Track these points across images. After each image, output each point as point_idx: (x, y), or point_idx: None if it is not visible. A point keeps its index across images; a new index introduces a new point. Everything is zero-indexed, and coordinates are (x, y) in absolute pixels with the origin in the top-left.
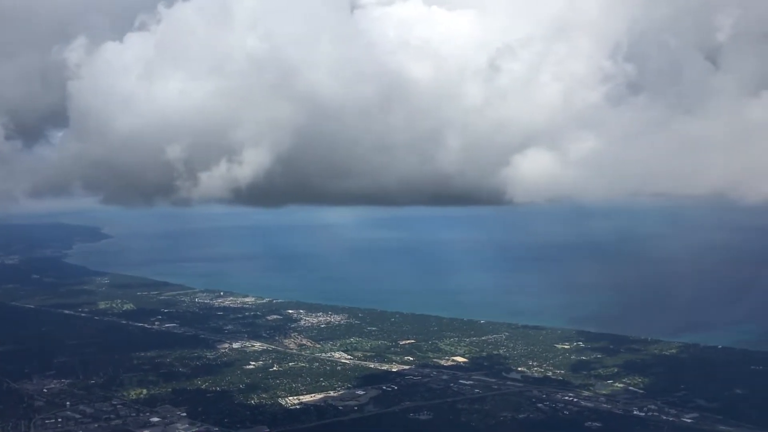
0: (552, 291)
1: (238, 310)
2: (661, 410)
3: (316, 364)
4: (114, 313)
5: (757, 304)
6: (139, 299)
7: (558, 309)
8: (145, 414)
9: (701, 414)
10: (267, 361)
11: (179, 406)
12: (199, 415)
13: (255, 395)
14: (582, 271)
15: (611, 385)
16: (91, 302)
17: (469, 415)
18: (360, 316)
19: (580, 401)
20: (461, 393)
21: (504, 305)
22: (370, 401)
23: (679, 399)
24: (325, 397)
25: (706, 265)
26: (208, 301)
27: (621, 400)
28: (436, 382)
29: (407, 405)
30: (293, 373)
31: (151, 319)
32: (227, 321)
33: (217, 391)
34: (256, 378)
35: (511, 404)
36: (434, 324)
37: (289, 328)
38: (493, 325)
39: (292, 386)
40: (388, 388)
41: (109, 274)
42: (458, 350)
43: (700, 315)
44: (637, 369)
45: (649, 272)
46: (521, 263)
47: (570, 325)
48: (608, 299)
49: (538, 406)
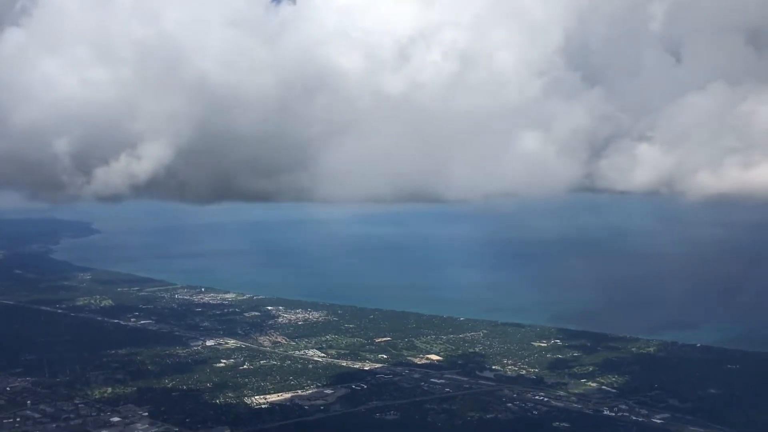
0: (534, 288)
1: (217, 306)
2: (632, 410)
3: (288, 362)
4: (91, 310)
5: (737, 301)
6: (118, 295)
7: (539, 306)
8: (106, 413)
9: (672, 414)
10: (239, 358)
11: (142, 405)
12: (161, 415)
13: (221, 394)
14: (563, 267)
15: (584, 384)
16: (70, 298)
17: (436, 415)
18: (339, 313)
19: (551, 401)
20: (431, 392)
21: (485, 302)
22: (337, 401)
23: (651, 399)
24: (292, 397)
25: (687, 262)
26: (188, 297)
27: (593, 399)
28: (407, 380)
29: (375, 404)
30: (264, 371)
31: (127, 315)
32: (204, 318)
33: (183, 390)
34: (226, 376)
35: (481, 404)
36: (413, 321)
37: (266, 325)
38: (473, 322)
39: (261, 385)
40: (358, 387)
41: (93, 270)
42: (434, 348)
43: (681, 312)
44: (614, 368)
45: (629, 268)
46: (505, 259)
47: (550, 322)
48: (590, 296)
49: (507, 406)
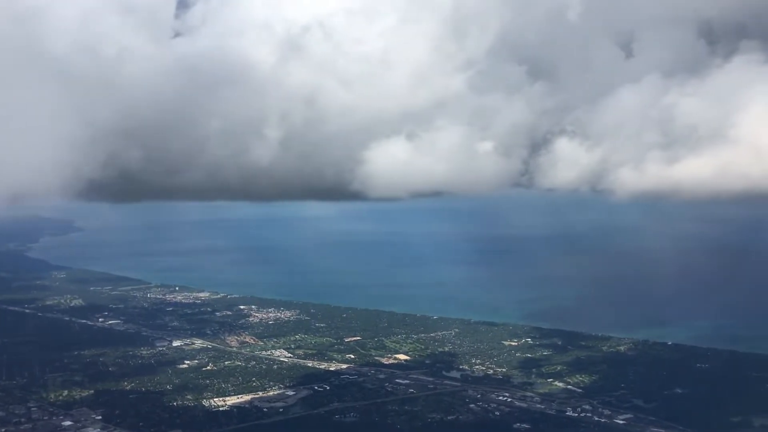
0: (509, 286)
1: (189, 305)
2: (596, 411)
3: (253, 362)
4: (60, 310)
5: (709, 298)
6: (90, 295)
7: (514, 304)
8: (58, 417)
9: (636, 415)
10: (203, 359)
11: (97, 408)
12: (115, 419)
13: (180, 397)
14: (541, 264)
15: (551, 384)
16: (41, 298)
17: (396, 417)
18: (312, 312)
19: (515, 401)
20: (394, 393)
21: (460, 300)
22: (297, 402)
23: (616, 399)
24: (252, 399)
25: (663, 259)
26: (160, 296)
27: (557, 400)
28: (372, 381)
29: (335, 406)
30: (226, 372)
31: (96, 315)
32: (175, 317)
33: (142, 393)
34: (187, 378)
35: (443, 405)
36: (385, 320)
37: (237, 325)
38: (446, 321)
39: (222, 387)
40: (321, 388)
41: (69, 269)
42: (403, 347)
43: (656, 310)
44: (583, 367)
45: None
46: (480, 256)
47: (524, 321)
48: (566, 294)
49: (470, 407)
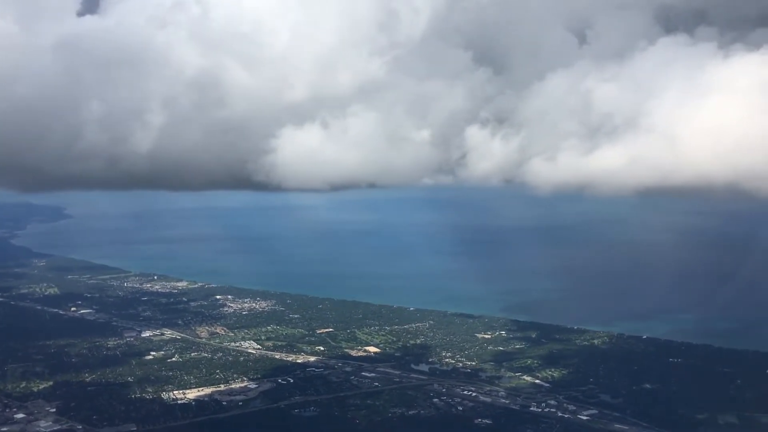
0: (489, 277)
1: (165, 295)
2: (561, 406)
3: (220, 354)
4: (33, 298)
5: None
6: (66, 283)
7: (493, 296)
8: (12, 410)
9: (601, 411)
10: (169, 351)
11: (52, 401)
12: (69, 412)
13: (140, 389)
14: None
15: (519, 379)
16: (15, 286)
17: (357, 412)
18: (288, 303)
19: (480, 396)
20: (359, 387)
21: (439, 291)
22: (258, 396)
23: (583, 394)
24: (213, 392)
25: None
26: (137, 285)
27: (523, 394)
28: (338, 374)
29: (296, 400)
30: (191, 364)
31: (68, 304)
32: (149, 307)
33: (102, 385)
34: (150, 370)
35: (406, 399)
36: (360, 311)
37: (210, 315)
38: (422, 312)
39: (185, 379)
40: (284, 381)
41: (50, 257)
42: (374, 340)
43: (635, 303)
44: (554, 361)
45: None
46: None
47: (501, 313)
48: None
49: (433, 402)
